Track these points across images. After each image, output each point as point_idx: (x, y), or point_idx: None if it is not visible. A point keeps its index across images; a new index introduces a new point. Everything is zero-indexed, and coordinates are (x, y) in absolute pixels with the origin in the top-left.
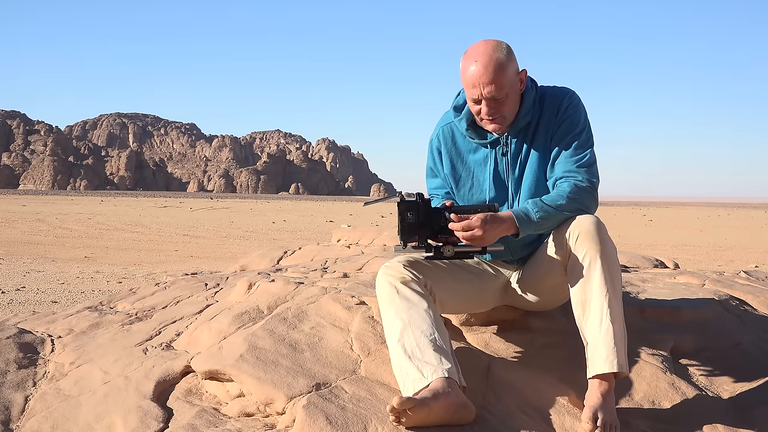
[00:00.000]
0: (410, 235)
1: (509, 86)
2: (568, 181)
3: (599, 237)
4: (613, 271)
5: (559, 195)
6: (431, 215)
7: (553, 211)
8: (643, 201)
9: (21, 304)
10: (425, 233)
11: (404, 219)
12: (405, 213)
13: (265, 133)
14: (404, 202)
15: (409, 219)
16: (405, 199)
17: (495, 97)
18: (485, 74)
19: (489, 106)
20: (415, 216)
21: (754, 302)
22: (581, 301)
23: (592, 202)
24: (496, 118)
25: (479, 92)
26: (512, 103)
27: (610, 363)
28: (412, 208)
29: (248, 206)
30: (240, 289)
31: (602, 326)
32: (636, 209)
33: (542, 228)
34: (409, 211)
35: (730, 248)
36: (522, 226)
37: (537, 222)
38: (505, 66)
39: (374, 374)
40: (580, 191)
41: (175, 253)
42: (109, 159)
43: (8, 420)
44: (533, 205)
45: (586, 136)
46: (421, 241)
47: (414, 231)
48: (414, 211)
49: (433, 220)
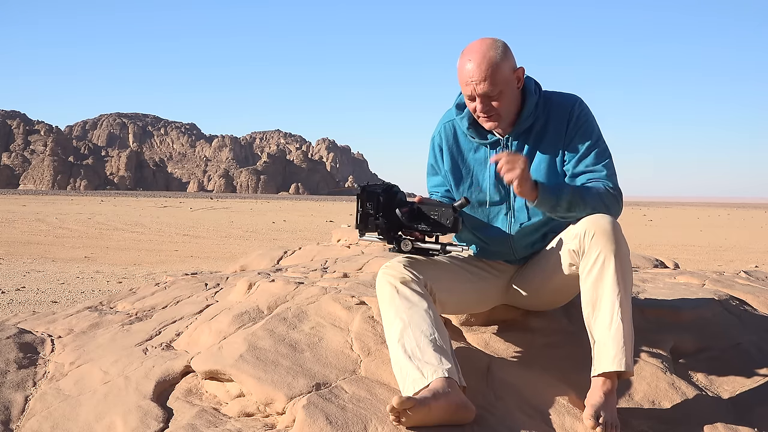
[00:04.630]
0: (365, 225)
1: (503, 84)
2: (599, 183)
3: (615, 236)
4: (626, 272)
5: (590, 190)
6: (392, 207)
7: (579, 200)
8: (643, 201)
9: (21, 304)
10: (383, 225)
11: (363, 208)
12: (364, 202)
13: (265, 133)
14: (365, 192)
15: (367, 208)
16: (366, 189)
17: (488, 94)
18: (477, 72)
19: (483, 103)
20: (373, 206)
21: (754, 302)
22: (592, 300)
23: (617, 209)
24: (491, 116)
25: (472, 89)
26: (508, 101)
27: (618, 361)
28: (372, 198)
29: (248, 206)
30: (240, 289)
31: (612, 324)
32: (636, 209)
33: (558, 209)
34: (369, 201)
35: (730, 248)
36: (543, 193)
37: (559, 203)
38: (499, 63)
39: (374, 374)
40: (608, 195)
41: (175, 253)
42: (109, 159)
43: (8, 420)
44: (565, 186)
45: (603, 146)
46: (380, 232)
47: (371, 222)
48: (373, 202)
49: (393, 212)
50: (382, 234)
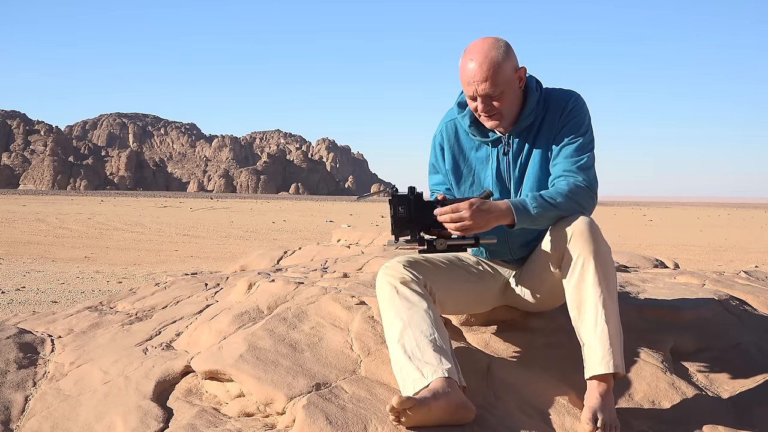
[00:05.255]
0: (402, 229)
1: (505, 84)
2: (567, 180)
3: (592, 237)
4: (608, 271)
5: (558, 192)
6: (423, 209)
7: (550, 207)
8: (643, 201)
9: (21, 304)
10: (417, 227)
11: (396, 213)
12: (397, 207)
13: (265, 133)
14: (396, 197)
15: (401, 213)
16: (397, 193)
17: (489, 94)
18: (479, 72)
19: (484, 102)
20: (406, 210)
21: (754, 302)
22: (576, 302)
23: (590, 203)
24: (492, 115)
25: (474, 89)
26: (509, 101)
27: (606, 364)
28: (404, 202)
29: (248, 206)
30: (240, 289)
31: (597, 327)
32: (636, 209)
33: (537, 223)
34: (401, 205)
35: (730, 248)
36: (519, 217)
37: (534, 216)
38: (501, 63)
39: (374, 374)
40: (578, 191)
41: (175, 253)
42: (109, 159)
43: (8, 420)
44: (532, 198)
45: (587, 139)
46: (413, 235)
47: (405, 225)
48: (405, 205)
49: (426, 213)
50: (415, 237)
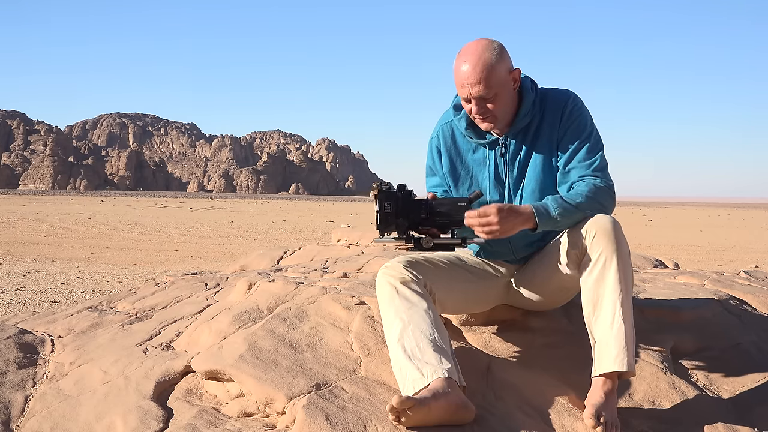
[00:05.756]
0: (386, 226)
1: (499, 85)
2: (587, 181)
3: (616, 236)
4: (627, 272)
5: (579, 194)
6: (411, 206)
7: (572, 208)
8: (643, 201)
9: (21, 304)
10: (404, 224)
11: (382, 209)
12: (383, 203)
13: (265, 133)
14: (383, 192)
15: (386, 209)
16: (383, 189)
17: (483, 96)
18: (473, 74)
19: (478, 105)
20: (393, 207)
21: (754, 302)
22: (593, 300)
23: (611, 203)
24: (486, 117)
25: (468, 91)
26: (503, 103)
27: (620, 361)
28: (391, 199)
29: (248, 206)
30: (240, 289)
31: (614, 325)
32: (636, 209)
33: (560, 225)
34: (388, 201)
35: (730, 248)
36: (541, 220)
37: (556, 218)
38: (494, 65)
39: (374, 374)
40: (598, 191)
41: (175, 253)
42: (109, 159)
43: (8, 420)
44: (553, 201)
45: (595, 140)
46: (400, 231)
47: (392, 221)
48: (392, 202)
49: (413, 211)
50: (402, 233)
